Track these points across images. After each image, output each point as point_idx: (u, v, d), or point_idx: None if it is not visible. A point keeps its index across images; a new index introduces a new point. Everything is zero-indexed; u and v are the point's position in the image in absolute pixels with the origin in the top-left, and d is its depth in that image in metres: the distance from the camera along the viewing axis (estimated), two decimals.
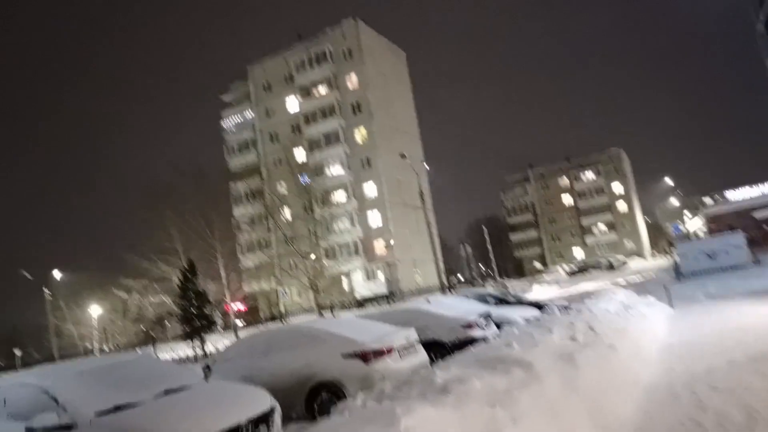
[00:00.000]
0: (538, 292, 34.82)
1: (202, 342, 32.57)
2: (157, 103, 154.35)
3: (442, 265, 55.23)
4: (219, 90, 62.24)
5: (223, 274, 46.37)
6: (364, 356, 6.52)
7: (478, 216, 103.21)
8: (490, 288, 23.65)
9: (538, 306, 13.57)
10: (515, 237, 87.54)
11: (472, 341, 8.75)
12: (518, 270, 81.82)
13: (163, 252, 42.50)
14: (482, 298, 14.27)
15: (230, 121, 59.53)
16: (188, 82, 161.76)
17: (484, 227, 23.08)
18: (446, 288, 27.06)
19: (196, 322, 33.36)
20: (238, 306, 54.86)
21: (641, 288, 22.42)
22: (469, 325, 9.20)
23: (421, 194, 27.62)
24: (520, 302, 13.99)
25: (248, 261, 51.77)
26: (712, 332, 8.98)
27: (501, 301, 14.05)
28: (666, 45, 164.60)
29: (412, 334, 7.39)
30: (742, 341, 7.66)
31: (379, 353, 6.60)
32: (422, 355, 7.32)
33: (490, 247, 26.11)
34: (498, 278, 30.43)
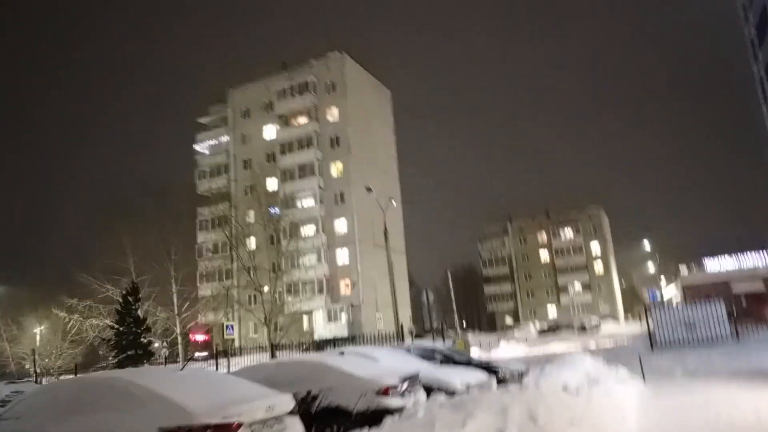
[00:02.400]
0: (504, 349, 32.72)
1: None
2: (131, 120, 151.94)
3: (408, 311, 53.06)
4: (197, 112, 60.61)
5: (175, 300, 43.60)
6: None
7: (456, 264, 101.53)
8: (440, 343, 21.44)
9: (490, 369, 11.43)
10: (489, 289, 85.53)
11: (386, 412, 6.57)
12: (491, 324, 79.46)
13: (114, 272, 39.81)
14: (428, 354, 12.11)
15: (204, 144, 57.63)
16: (167, 102, 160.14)
17: (448, 274, 21.49)
18: (400, 337, 24.75)
19: (131, 351, 30.57)
20: (199, 337, 51.57)
21: (612, 355, 20.35)
22: (385, 391, 7.03)
23: (385, 232, 25.68)
24: (469, 363, 11.84)
25: (206, 290, 48.93)
26: (698, 430, 6.89)
27: (448, 359, 11.90)
28: (655, 100, 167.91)
29: (281, 403, 5.22)
30: None
31: (214, 430, 4.42)
32: None
33: (454, 296, 24.08)
34: (459, 330, 28.22)
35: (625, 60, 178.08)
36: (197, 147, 57.72)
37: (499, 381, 10.88)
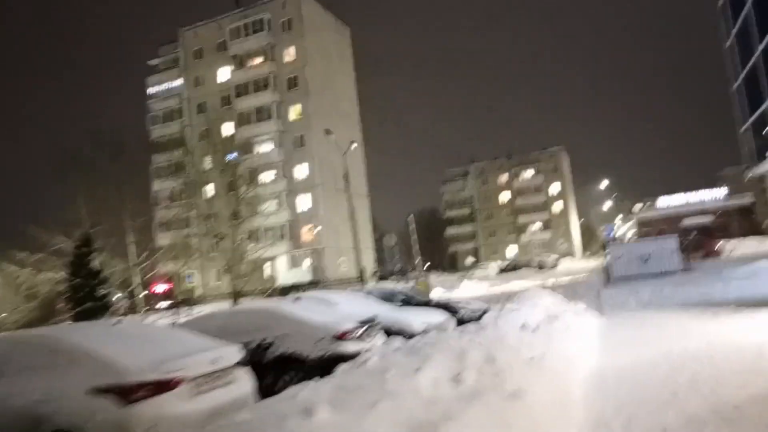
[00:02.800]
0: (466, 288, 33.21)
1: None
2: (80, 66, 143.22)
3: (372, 255, 53.32)
4: (148, 55, 57.46)
5: (132, 251, 42.59)
6: (123, 392, 3.99)
7: (420, 207, 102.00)
8: (402, 285, 21.55)
9: (450, 309, 11.41)
10: (451, 231, 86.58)
11: (342, 358, 6.37)
12: (453, 264, 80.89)
13: (67, 224, 38.35)
14: (389, 297, 12.00)
15: (156, 88, 54.89)
16: (117, 45, 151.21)
17: (411, 217, 21.33)
18: (362, 280, 24.79)
19: (87, 303, 29.80)
20: (160, 287, 50.81)
21: (570, 291, 20.86)
22: (341, 336, 6.82)
23: (346, 176, 25.21)
24: (429, 303, 11.79)
25: (164, 240, 47.84)
26: (654, 358, 6.97)
27: (408, 301, 11.82)
28: (616, 43, 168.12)
29: (228, 354, 4.90)
30: (700, 379, 5.62)
31: (152, 387, 4.09)
32: (241, 387, 4.84)
33: (416, 238, 24.05)
34: (420, 272, 28.45)
35: (591, 14, 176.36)
36: (149, 91, 54.99)
37: (459, 321, 10.87)
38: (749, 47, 25.06)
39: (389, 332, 8.70)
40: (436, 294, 30.43)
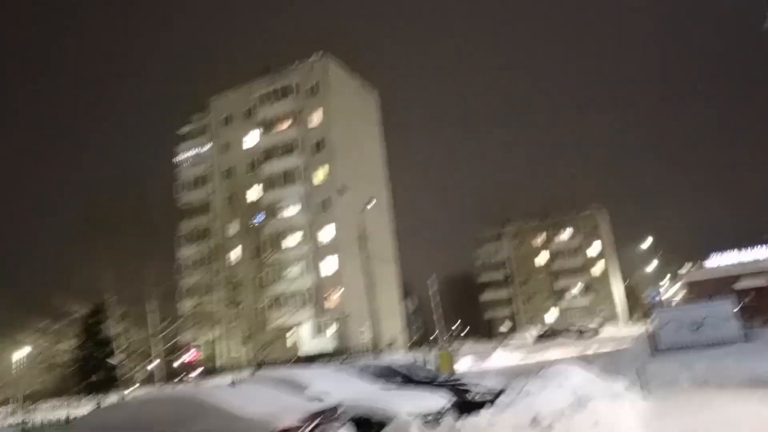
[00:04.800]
0: (498, 358, 30.62)
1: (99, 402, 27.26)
2: (110, 135, 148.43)
3: (400, 322, 50.80)
4: (179, 124, 58.63)
5: (153, 319, 41.55)
6: None
7: (452, 271, 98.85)
8: (404, 356, 19.38)
9: (458, 390, 9.37)
10: (487, 296, 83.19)
11: None
12: (489, 331, 77.12)
13: (89, 292, 37.75)
14: (386, 373, 10.07)
15: (186, 156, 55.65)
16: (149, 113, 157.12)
17: (433, 278, 19.63)
18: (377, 350, 22.71)
19: (93, 376, 28.41)
20: (188, 355, 49.37)
21: (610, 362, 18.34)
22: None
23: (363, 235, 23.66)
24: (432, 382, 9.77)
25: (187, 307, 46.78)
26: None
27: (408, 378, 9.86)
28: (656, 95, 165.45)
29: None
30: None
31: None
32: None
33: (439, 302, 22.00)
34: (444, 340, 26.18)
35: (619, 58, 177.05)
36: (178, 159, 55.75)
37: (468, 405, 8.84)
38: None
39: (368, 423, 6.82)
40: (465, 364, 28.00)
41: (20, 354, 41.80)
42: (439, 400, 8.03)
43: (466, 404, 8.89)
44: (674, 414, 8.17)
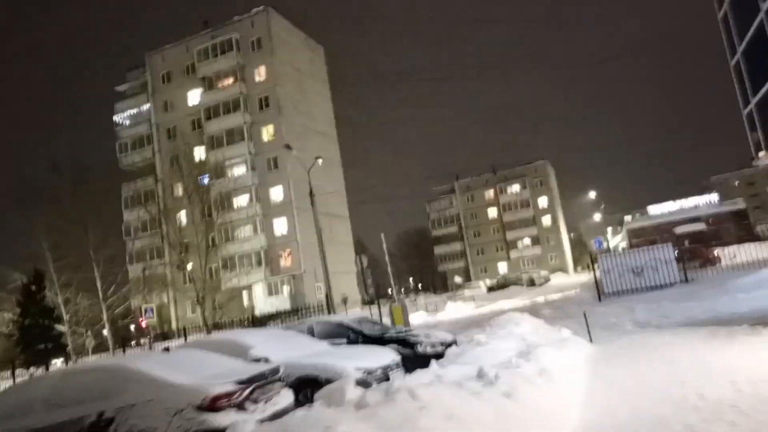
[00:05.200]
0: (451, 310, 31.15)
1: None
2: (42, 93, 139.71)
3: (355, 279, 50.91)
4: (115, 80, 55.63)
5: (99, 285, 40.14)
6: None
7: (407, 227, 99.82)
8: (357, 313, 19.37)
9: (407, 344, 9.32)
10: (440, 250, 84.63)
11: None
12: (443, 284, 78.72)
13: (30, 259, 35.99)
14: (335, 332, 9.88)
15: (124, 115, 52.97)
16: (83, 70, 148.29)
17: (383, 236, 19.43)
18: (329, 308, 22.65)
19: (39, 344, 27.37)
20: (142, 320, 48.26)
21: (559, 309, 18.93)
22: (211, 403, 4.72)
23: (311, 192, 23.15)
24: (382, 337, 9.68)
25: (137, 271, 45.42)
26: (662, 413, 4.93)
27: (357, 334, 9.72)
28: (599, 49, 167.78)
29: None
30: None
31: None
32: None
33: (388, 259, 21.99)
34: (395, 296, 26.33)
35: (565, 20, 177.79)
36: (116, 118, 53.02)
37: (419, 358, 8.81)
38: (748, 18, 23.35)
39: (315, 382, 6.63)
40: (419, 318, 28.39)
41: None
42: (388, 354, 7.92)
43: (417, 358, 8.85)
44: (618, 357, 8.36)
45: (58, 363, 27.43)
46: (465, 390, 4.56)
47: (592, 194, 59.96)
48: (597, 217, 69.50)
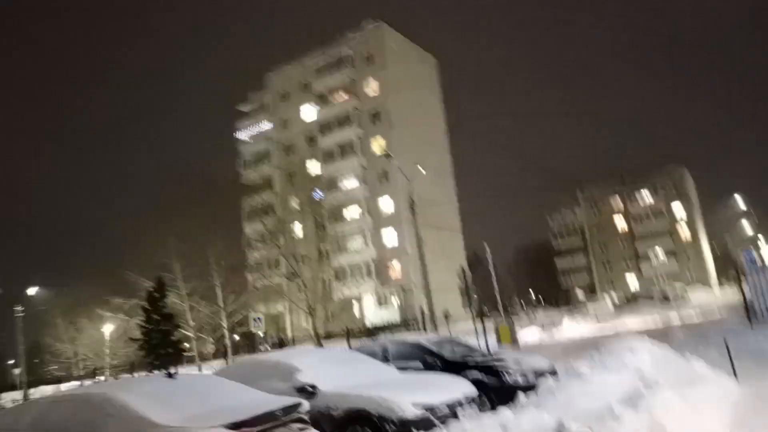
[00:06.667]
0: (568, 328, 28.46)
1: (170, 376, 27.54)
2: (166, 112, 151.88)
3: (475, 295, 49.09)
4: (237, 101, 59.10)
5: (219, 294, 42.28)
6: None
7: (526, 240, 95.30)
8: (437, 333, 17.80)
9: (493, 372, 7.86)
10: (562, 263, 79.74)
11: None
12: (566, 301, 73.94)
13: (160, 269, 38.92)
14: (407, 352, 8.68)
15: (246, 132, 56.12)
16: (206, 91, 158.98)
17: (486, 248, 17.96)
18: (424, 324, 21.37)
19: (161, 350, 28.88)
20: (258, 328, 50.52)
21: (696, 334, 15.95)
22: None
23: (412, 203, 22.24)
24: (466, 363, 8.28)
25: (255, 281, 47.49)
26: None
27: (438, 358, 8.43)
28: (736, 43, 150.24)
29: None
30: None
31: None
32: None
33: (494, 271, 20.30)
34: (513, 312, 24.44)
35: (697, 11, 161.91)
36: (239, 135, 56.28)
37: (505, 388, 7.36)
38: None
39: (367, 419, 5.52)
40: (531, 336, 26.13)
41: (106, 329, 44.23)
42: (460, 386, 6.58)
43: (504, 389, 7.41)
44: None
45: (180, 368, 28.84)
46: None
47: (738, 199, 52.98)
48: (745, 225, 61.65)
